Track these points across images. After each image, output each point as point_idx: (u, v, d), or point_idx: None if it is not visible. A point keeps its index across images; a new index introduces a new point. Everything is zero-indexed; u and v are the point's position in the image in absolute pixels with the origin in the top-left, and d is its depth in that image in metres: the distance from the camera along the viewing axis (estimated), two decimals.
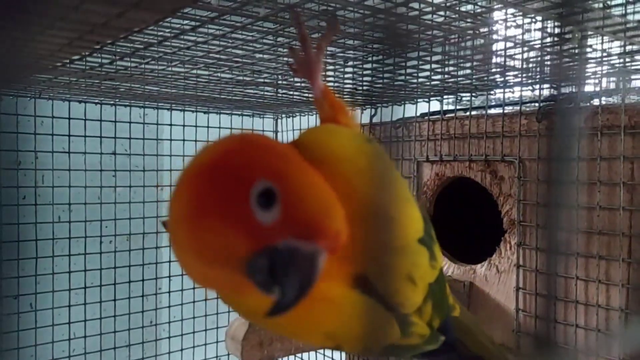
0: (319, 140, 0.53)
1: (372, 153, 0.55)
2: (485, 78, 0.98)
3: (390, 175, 0.49)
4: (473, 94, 1.11)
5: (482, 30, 0.77)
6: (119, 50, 0.76)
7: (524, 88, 1.05)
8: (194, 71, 0.91)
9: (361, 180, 0.50)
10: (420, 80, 0.99)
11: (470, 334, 0.73)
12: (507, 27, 0.77)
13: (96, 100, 1.27)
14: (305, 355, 1.57)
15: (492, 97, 1.16)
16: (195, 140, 1.45)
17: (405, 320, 0.56)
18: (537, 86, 1.02)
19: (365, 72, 0.96)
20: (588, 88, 0.97)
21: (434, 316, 0.60)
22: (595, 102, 0.90)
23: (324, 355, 1.54)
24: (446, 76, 0.97)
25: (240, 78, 0.98)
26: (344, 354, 1.43)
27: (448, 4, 0.69)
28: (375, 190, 0.50)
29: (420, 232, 0.56)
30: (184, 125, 1.43)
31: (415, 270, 0.55)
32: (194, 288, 1.48)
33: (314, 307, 0.47)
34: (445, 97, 1.16)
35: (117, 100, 1.28)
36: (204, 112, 1.46)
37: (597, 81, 0.96)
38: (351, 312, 0.50)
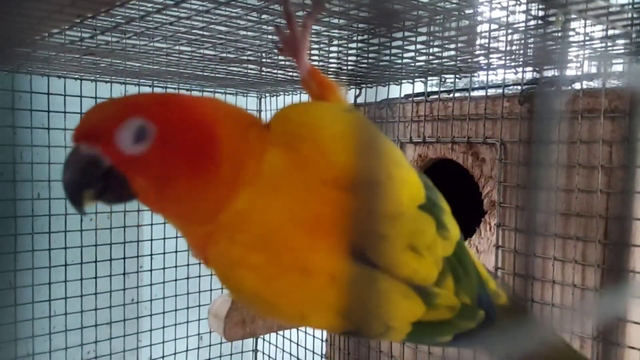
0: (290, 113, 0.54)
1: (350, 120, 0.53)
2: (469, 60, 0.99)
3: (374, 140, 0.46)
4: (457, 76, 1.12)
5: (467, 11, 0.77)
6: (99, 24, 0.74)
7: (507, 71, 1.06)
8: (177, 47, 0.90)
9: (336, 146, 0.49)
10: (404, 61, 0.99)
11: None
12: (491, 9, 0.77)
13: (76, 76, 1.25)
14: (287, 332, 1.59)
15: (475, 79, 1.17)
16: None
17: (427, 291, 0.52)
18: (520, 69, 1.02)
19: (350, 52, 0.96)
20: (570, 72, 0.98)
21: (459, 292, 0.55)
22: (577, 85, 0.91)
23: (305, 332, 1.56)
24: (430, 57, 0.97)
25: (224, 55, 0.96)
26: (324, 331, 1.44)
27: None
28: (357, 156, 0.47)
29: (421, 199, 0.53)
30: None
31: (418, 239, 0.51)
32: (176, 266, 1.48)
33: (309, 280, 0.47)
34: (429, 78, 1.16)
35: (97, 76, 1.26)
36: (187, 90, 1.45)
37: (578, 65, 0.97)
38: (350, 285, 0.47)
